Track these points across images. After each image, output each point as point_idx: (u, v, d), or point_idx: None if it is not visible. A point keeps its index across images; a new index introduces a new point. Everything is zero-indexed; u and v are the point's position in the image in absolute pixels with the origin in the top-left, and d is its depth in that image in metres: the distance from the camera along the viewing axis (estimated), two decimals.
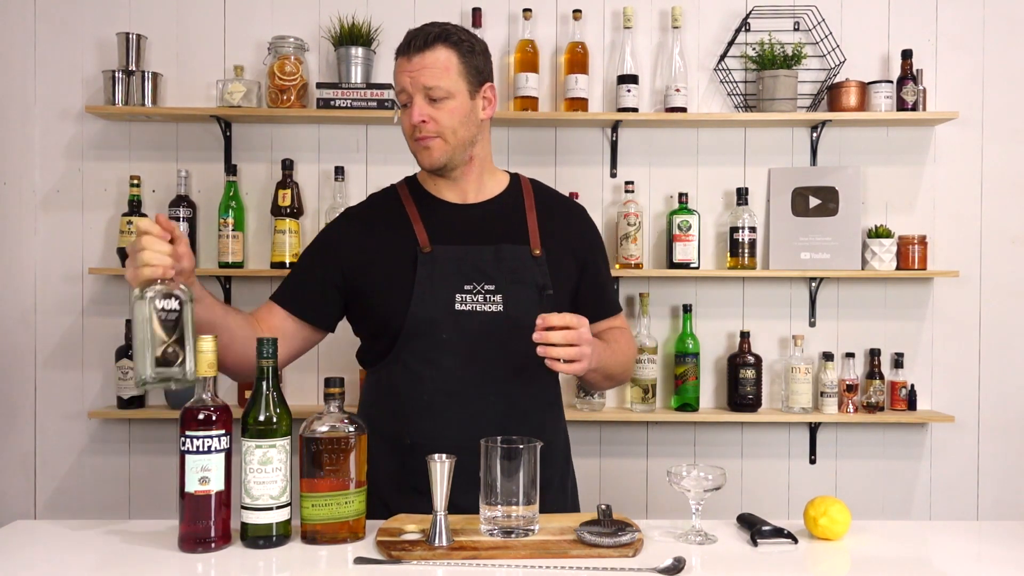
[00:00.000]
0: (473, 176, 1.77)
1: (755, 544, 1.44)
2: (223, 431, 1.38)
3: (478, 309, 1.68)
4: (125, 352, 2.85)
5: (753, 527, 1.47)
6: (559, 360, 1.52)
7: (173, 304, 1.40)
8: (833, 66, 2.93)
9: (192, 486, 1.36)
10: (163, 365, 1.39)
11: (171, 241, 1.45)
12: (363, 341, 1.82)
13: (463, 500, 1.51)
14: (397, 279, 1.69)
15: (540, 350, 1.51)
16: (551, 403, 1.79)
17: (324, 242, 1.81)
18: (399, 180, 1.88)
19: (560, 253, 1.76)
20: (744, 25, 2.96)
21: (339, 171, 2.90)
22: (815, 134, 2.97)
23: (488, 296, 1.69)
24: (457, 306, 1.68)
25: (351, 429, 1.43)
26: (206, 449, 1.36)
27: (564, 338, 1.52)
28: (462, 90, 1.68)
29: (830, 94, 2.91)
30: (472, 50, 1.70)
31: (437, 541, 1.37)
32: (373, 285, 1.73)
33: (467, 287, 1.69)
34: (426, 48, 1.65)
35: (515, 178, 1.85)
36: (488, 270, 1.70)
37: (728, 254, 2.91)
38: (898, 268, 2.89)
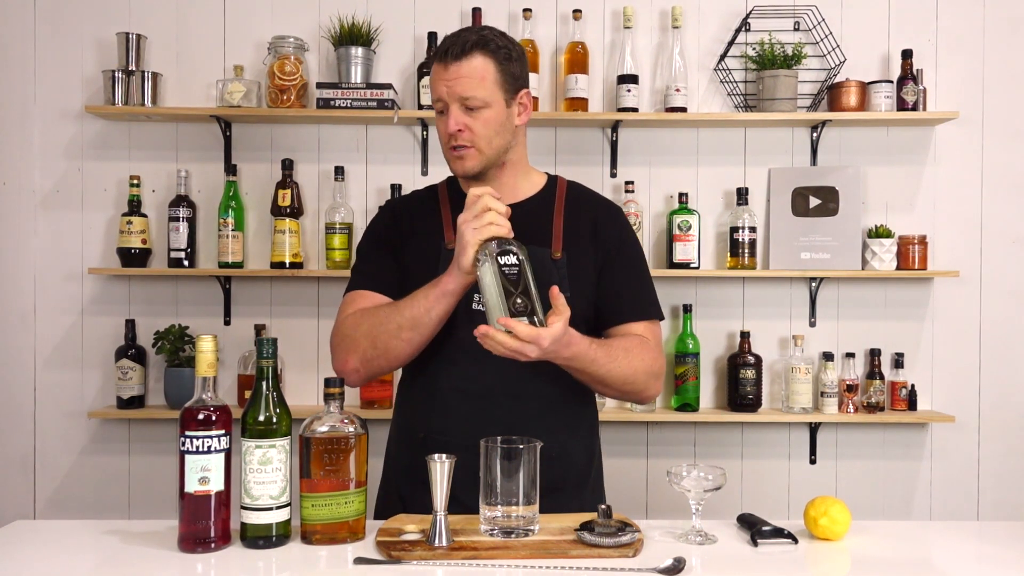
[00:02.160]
0: (505, 179, 1.75)
1: (755, 544, 1.44)
2: (223, 431, 1.38)
3: None
4: (125, 352, 2.85)
5: (753, 527, 1.47)
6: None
7: (513, 260, 1.48)
8: (833, 66, 2.93)
9: (192, 486, 1.36)
10: (518, 317, 1.46)
11: None
12: None
13: (468, 498, 1.51)
14: (421, 275, 1.70)
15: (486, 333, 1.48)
16: (568, 406, 1.75)
17: (375, 229, 1.84)
18: (442, 179, 1.87)
19: (583, 255, 1.74)
20: (744, 25, 2.96)
21: (339, 171, 2.90)
22: (815, 134, 2.97)
23: None
24: (474, 305, 1.67)
25: (351, 429, 1.43)
26: (206, 449, 1.36)
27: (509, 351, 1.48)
28: (498, 99, 1.66)
29: (830, 94, 2.91)
30: (509, 57, 1.68)
31: (437, 541, 1.37)
32: (403, 278, 1.75)
33: None
34: (463, 56, 1.63)
35: (552, 180, 1.83)
36: None
37: (728, 254, 2.91)
38: (898, 268, 2.89)
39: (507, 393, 1.67)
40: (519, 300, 1.44)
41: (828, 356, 2.92)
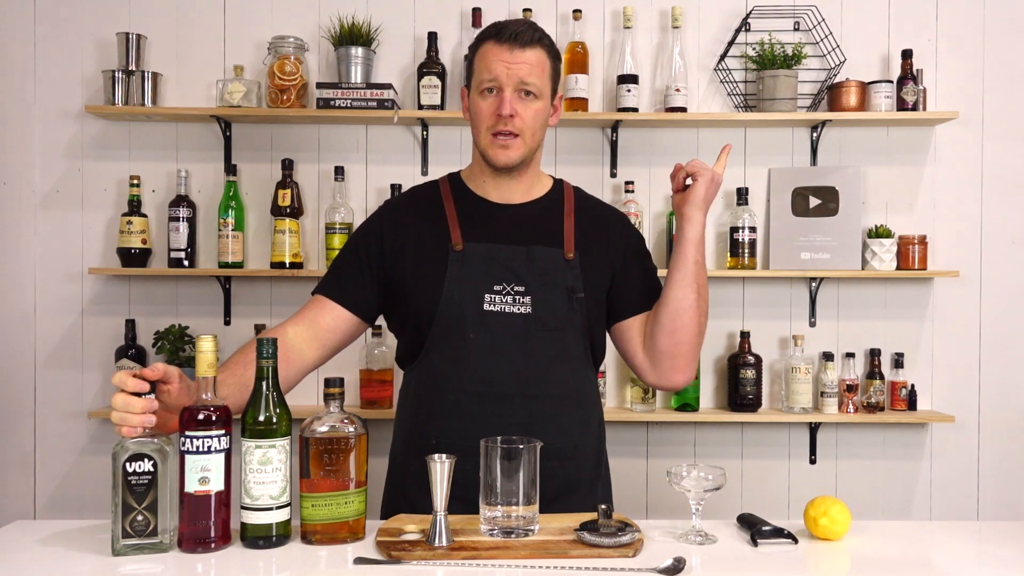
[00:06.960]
0: (525, 179, 1.76)
1: (755, 544, 1.44)
2: (223, 431, 1.38)
3: (506, 310, 1.67)
4: (125, 352, 2.85)
5: (753, 527, 1.47)
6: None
7: (146, 466, 1.32)
8: (833, 66, 2.93)
9: (192, 486, 1.36)
10: (134, 535, 1.33)
11: (154, 387, 1.38)
12: (399, 340, 1.80)
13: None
14: (428, 276, 1.69)
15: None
16: (580, 405, 1.74)
17: (364, 232, 1.79)
18: (442, 176, 1.85)
19: (595, 258, 1.74)
20: (744, 25, 2.96)
21: (339, 171, 2.90)
22: (815, 134, 2.97)
23: (517, 297, 1.67)
24: (486, 306, 1.66)
25: (351, 429, 1.43)
26: (206, 449, 1.36)
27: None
28: (547, 94, 1.71)
29: (830, 94, 2.91)
30: (558, 58, 1.75)
31: (437, 541, 1.37)
32: (406, 280, 1.72)
33: (497, 287, 1.68)
34: (529, 45, 1.67)
35: (558, 183, 1.84)
36: (519, 271, 1.68)
37: (728, 254, 2.91)
38: (898, 268, 2.89)
39: (523, 394, 1.66)
40: (140, 517, 1.29)
41: (828, 356, 2.92)
